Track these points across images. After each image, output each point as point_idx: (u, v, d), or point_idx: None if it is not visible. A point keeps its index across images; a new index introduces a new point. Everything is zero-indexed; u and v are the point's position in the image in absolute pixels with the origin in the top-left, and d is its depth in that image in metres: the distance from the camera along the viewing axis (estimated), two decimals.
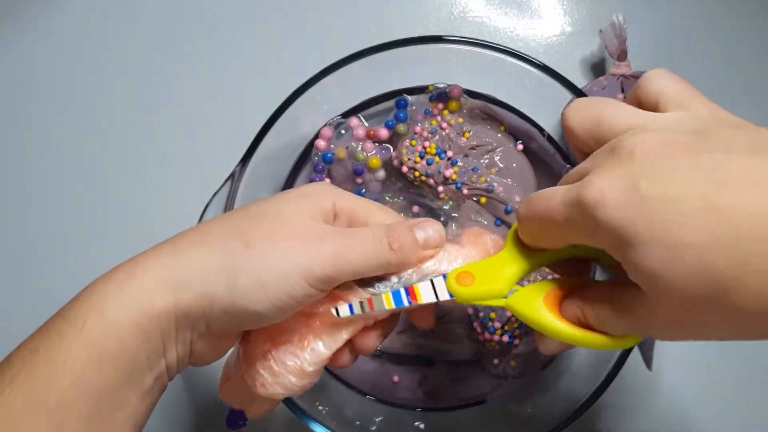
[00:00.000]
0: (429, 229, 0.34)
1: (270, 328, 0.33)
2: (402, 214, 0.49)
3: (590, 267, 0.34)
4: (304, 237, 0.31)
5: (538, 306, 0.30)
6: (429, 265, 0.34)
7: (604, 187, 0.24)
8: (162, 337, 0.30)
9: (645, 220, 0.23)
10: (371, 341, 0.35)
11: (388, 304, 0.32)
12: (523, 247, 0.32)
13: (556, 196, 0.27)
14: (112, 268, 0.30)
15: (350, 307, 0.32)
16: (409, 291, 0.33)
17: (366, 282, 0.33)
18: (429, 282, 0.33)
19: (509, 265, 0.32)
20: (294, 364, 0.33)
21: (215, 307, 0.30)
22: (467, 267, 0.33)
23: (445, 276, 0.33)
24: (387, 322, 0.35)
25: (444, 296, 0.32)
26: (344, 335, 0.33)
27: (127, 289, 0.29)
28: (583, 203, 0.25)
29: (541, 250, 0.31)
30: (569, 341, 0.29)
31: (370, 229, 0.33)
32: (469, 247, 0.35)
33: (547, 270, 0.43)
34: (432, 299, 0.32)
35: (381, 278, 0.33)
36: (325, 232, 0.31)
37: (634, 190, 0.24)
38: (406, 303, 0.32)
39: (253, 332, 0.34)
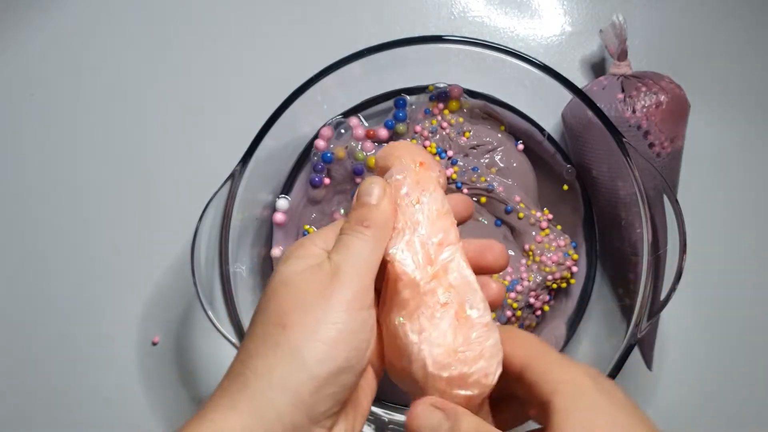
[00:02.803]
0: (371, 188, 0.33)
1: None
2: None
3: None
4: (322, 283, 0.30)
5: None
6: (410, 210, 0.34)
7: None
8: None
9: None
10: (495, 290, 0.34)
11: None
12: None
13: None
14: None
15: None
16: None
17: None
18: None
19: None
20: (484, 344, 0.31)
21: (302, 394, 0.28)
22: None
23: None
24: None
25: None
26: (476, 286, 0.32)
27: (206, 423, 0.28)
28: None
29: None
30: None
31: (343, 220, 0.33)
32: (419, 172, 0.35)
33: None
34: None
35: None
36: (328, 261, 0.31)
37: None
38: None
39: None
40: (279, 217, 0.49)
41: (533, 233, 0.48)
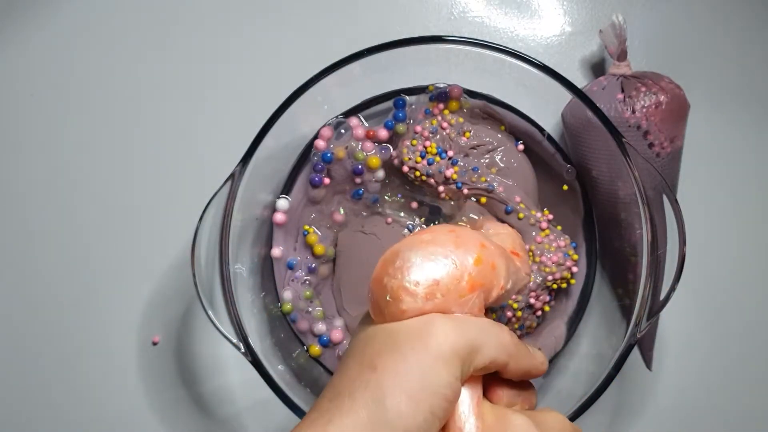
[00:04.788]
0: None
1: None
2: (402, 213, 0.50)
3: None
4: (423, 328, 0.30)
5: None
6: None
7: None
8: None
9: None
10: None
11: None
12: None
13: None
14: None
15: None
16: None
17: None
18: None
19: None
20: None
21: None
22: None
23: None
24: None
25: None
26: None
27: None
28: None
29: None
30: None
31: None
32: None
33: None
34: None
35: None
36: (441, 317, 0.31)
37: None
38: None
39: None
40: (279, 217, 0.49)
41: (533, 234, 0.48)
